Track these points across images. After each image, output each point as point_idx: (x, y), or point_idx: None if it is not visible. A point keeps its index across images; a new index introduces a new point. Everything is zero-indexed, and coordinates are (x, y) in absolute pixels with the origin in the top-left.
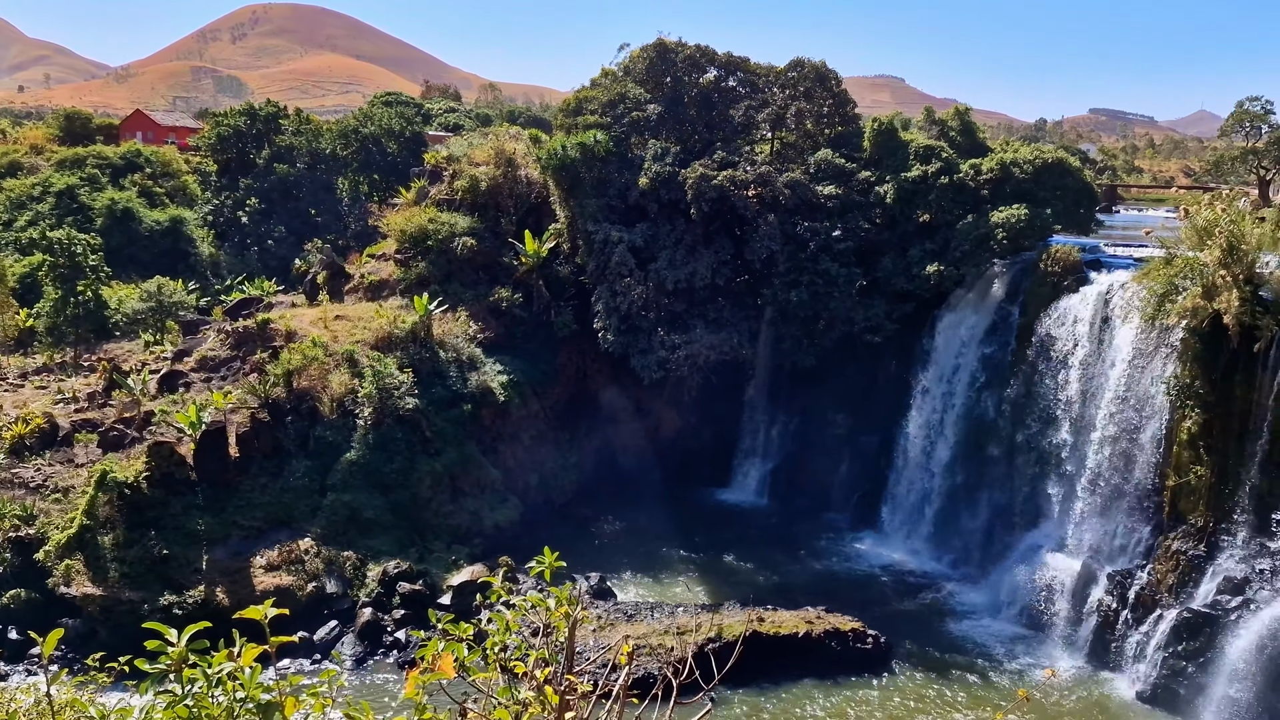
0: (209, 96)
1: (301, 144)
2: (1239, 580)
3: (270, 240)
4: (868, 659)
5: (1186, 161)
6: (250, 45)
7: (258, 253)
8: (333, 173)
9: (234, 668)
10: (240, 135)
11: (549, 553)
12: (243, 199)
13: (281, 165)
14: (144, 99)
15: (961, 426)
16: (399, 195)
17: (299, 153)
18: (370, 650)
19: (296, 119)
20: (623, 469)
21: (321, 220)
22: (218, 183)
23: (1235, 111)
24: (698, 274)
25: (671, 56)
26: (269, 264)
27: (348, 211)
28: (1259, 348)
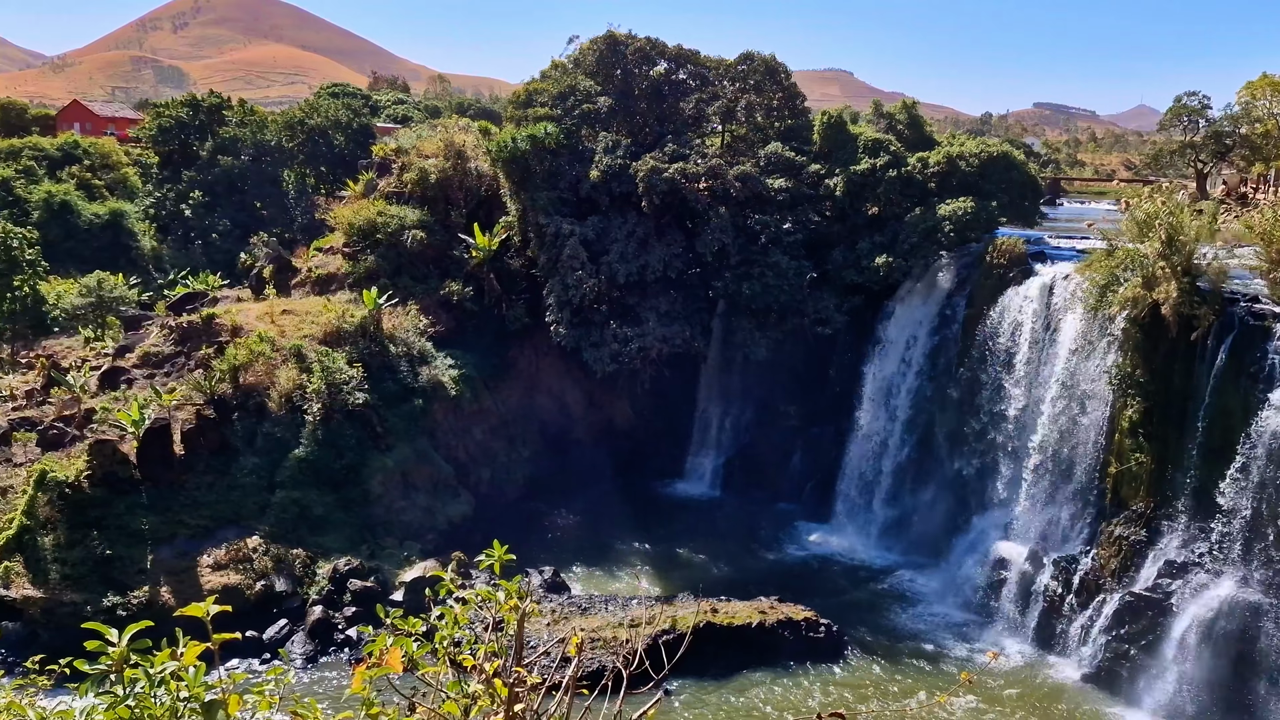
0: (149, 87)
1: (246, 136)
2: (1179, 564)
3: (214, 234)
4: (821, 647)
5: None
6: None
7: (202, 246)
8: (278, 165)
9: (177, 667)
10: (182, 126)
11: (498, 546)
12: (186, 192)
13: (225, 157)
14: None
15: (911, 417)
16: (347, 188)
17: (243, 144)
18: (321, 648)
19: (240, 110)
20: (576, 462)
21: (267, 213)
22: (159, 175)
23: (1173, 106)
24: (649, 267)
25: (622, 49)
26: (213, 258)
27: (294, 204)
28: (1196, 337)
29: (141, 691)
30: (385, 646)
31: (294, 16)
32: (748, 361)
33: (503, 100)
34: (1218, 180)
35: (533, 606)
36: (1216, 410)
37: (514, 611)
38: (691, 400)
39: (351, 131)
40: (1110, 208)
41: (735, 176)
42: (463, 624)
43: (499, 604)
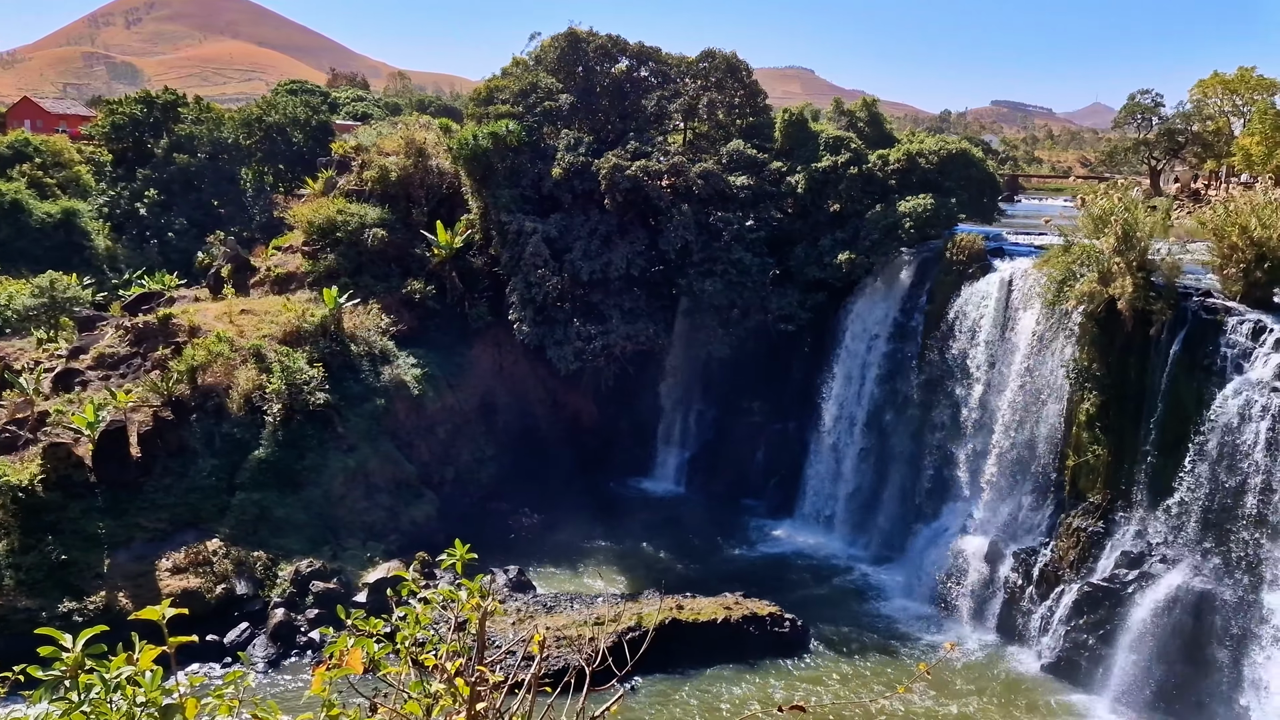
0: (102, 84)
1: (202, 133)
2: (1135, 555)
3: (170, 233)
4: (786, 642)
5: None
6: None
7: (157, 246)
8: (236, 163)
9: (133, 672)
10: (137, 124)
11: (460, 546)
12: (140, 190)
13: (181, 155)
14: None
15: (873, 412)
16: (306, 186)
17: (200, 142)
18: (283, 651)
19: (196, 107)
20: (540, 461)
21: (225, 212)
22: (113, 173)
23: (1127, 104)
24: (613, 264)
25: (583, 46)
26: (170, 257)
27: (252, 203)
28: (1153, 332)
29: (97, 697)
30: (346, 647)
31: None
32: (711, 359)
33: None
34: (1171, 177)
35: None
36: (1171, 403)
37: (476, 611)
38: (655, 398)
39: (310, 129)
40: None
41: (698, 174)
42: (426, 624)
43: (461, 603)
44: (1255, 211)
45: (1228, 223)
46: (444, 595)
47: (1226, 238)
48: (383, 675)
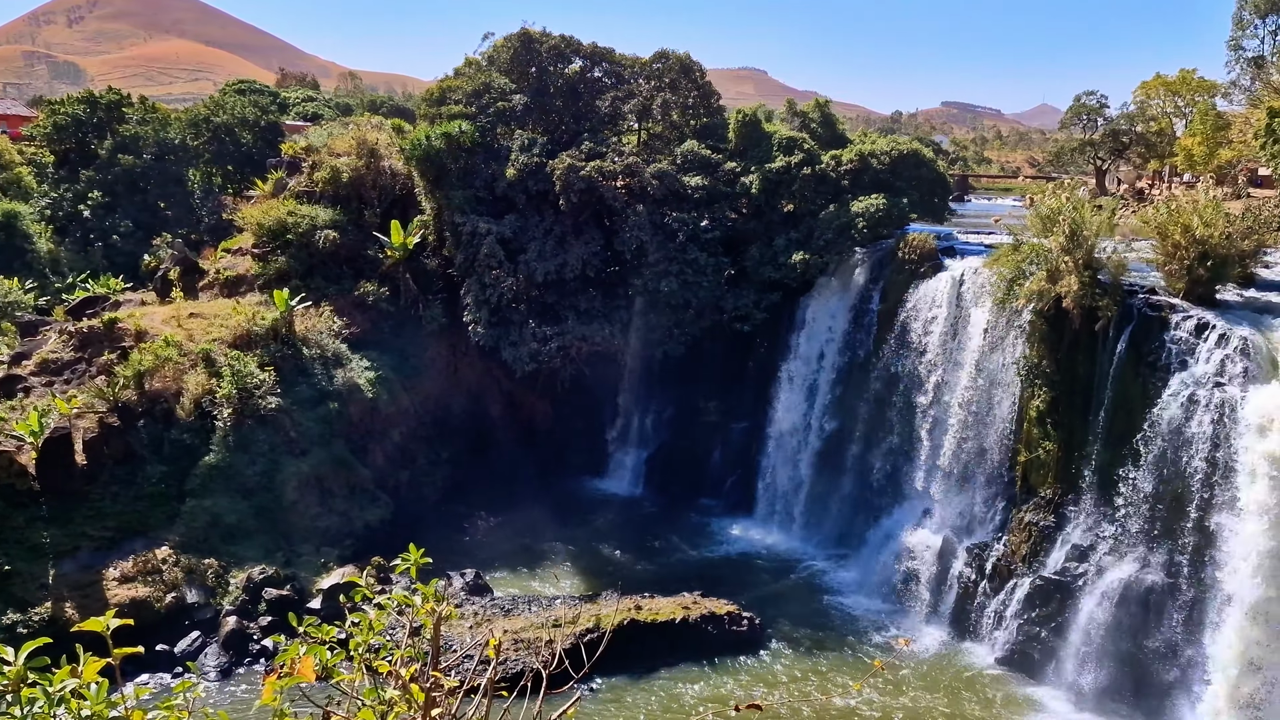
0: (44, 83)
1: (148, 133)
2: (1085, 548)
3: (116, 235)
4: (744, 640)
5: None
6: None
7: (102, 248)
8: (183, 164)
9: (78, 684)
10: (80, 124)
11: (414, 550)
12: (84, 192)
13: (126, 156)
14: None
15: (828, 410)
16: (255, 187)
17: (145, 143)
18: (236, 660)
19: (142, 107)
20: (497, 463)
21: (172, 214)
22: (56, 175)
23: (1073, 105)
24: (568, 265)
25: (536, 46)
26: (115, 260)
27: (200, 204)
28: (1099, 328)
29: (40, 711)
30: (298, 655)
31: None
32: (668, 359)
33: (416, 98)
34: (1116, 176)
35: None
36: (1118, 398)
37: (431, 615)
38: (612, 398)
39: (259, 129)
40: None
41: (652, 174)
42: (380, 629)
43: (416, 608)
44: (1197, 210)
45: (1171, 221)
46: (398, 600)
47: (1170, 236)
48: (336, 683)
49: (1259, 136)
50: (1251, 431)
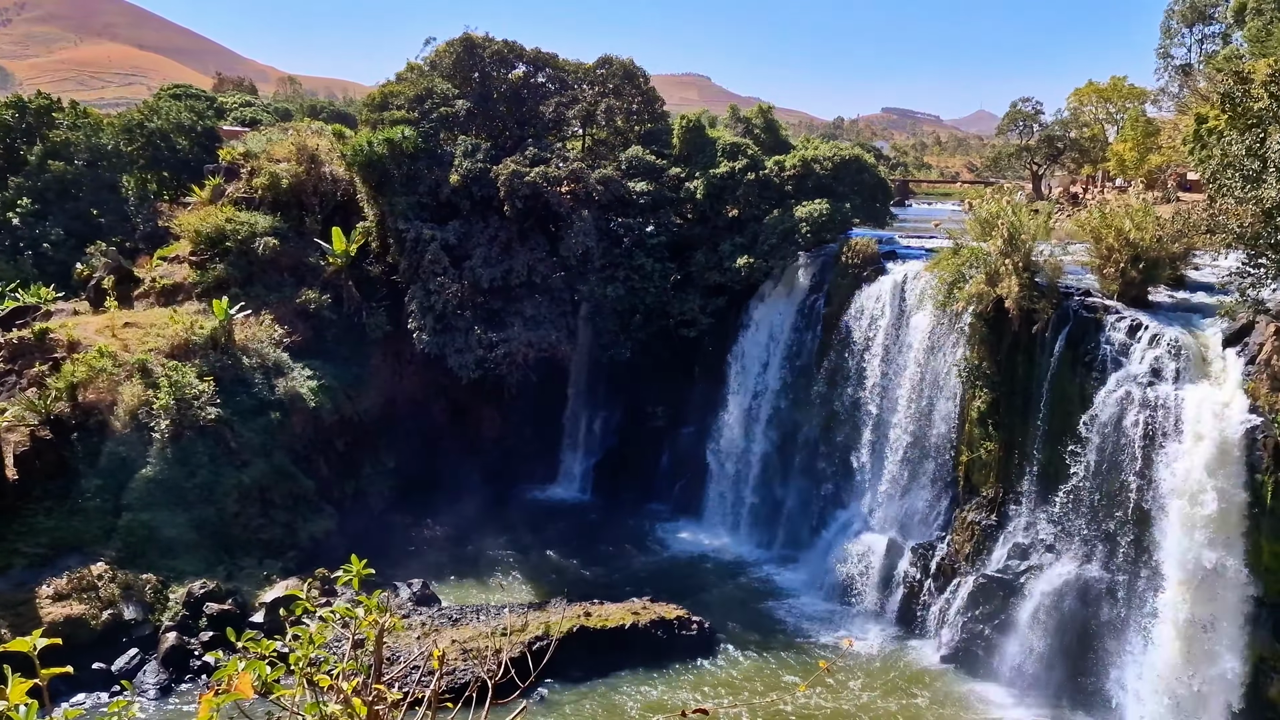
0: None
1: (79, 139)
2: (1026, 545)
3: (46, 244)
4: (694, 644)
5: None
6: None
7: (32, 257)
8: (116, 170)
9: (5, 707)
10: (7, 130)
11: (356, 560)
12: (13, 199)
13: (57, 163)
14: None
15: (774, 414)
16: (192, 194)
17: (77, 149)
18: (177, 677)
19: (73, 112)
20: (444, 470)
21: (105, 221)
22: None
23: (1009, 111)
24: (513, 271)
25: (479, 52)
26: (46, 269)
27: (135, 212)
28: (1037, 329)
29: None
30: (237, 671)
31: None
32: (615, 364)
33: (358, 103)
34: (1052, 181)
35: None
36: (1056, 398)
37: (373, 627)
38: (559, 404)
39: (196, 135)
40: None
41: (597, 180)
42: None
43: (359, 620)
44: (1129, 214)
45: (1104, 225)
46: (340, 613)
47: (1104, 240)
48: (276, 698)
49: (1187, 142)
50: (1183, 428)
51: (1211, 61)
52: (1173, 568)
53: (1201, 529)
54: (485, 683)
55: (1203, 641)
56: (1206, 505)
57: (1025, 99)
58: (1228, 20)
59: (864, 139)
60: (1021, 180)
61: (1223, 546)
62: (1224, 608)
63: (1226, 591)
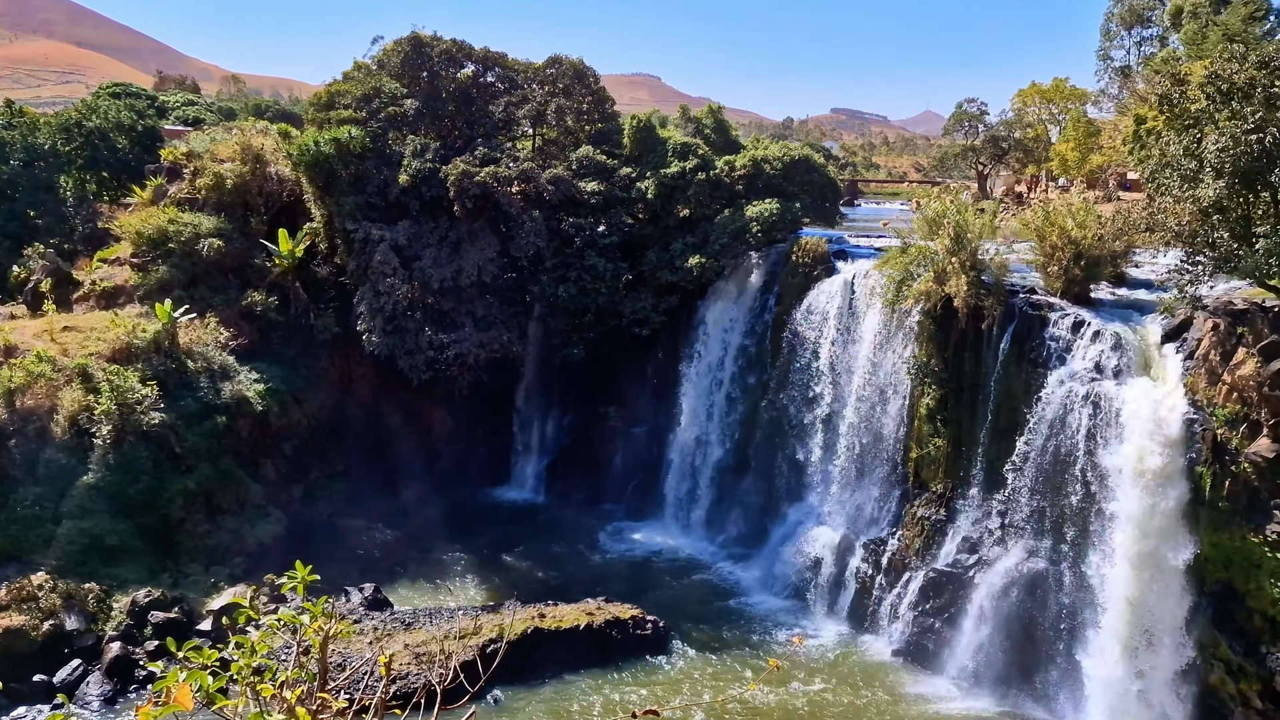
0: None
1: (15, 139)
2: (974, 540)
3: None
4: (648, 643)
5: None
6: None
7: None
8: (54, 171)
9: None
10: None
11: (301, 566)
12: None
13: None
14: None
15: (727, 412)
16: (133, 194)
17: (12, 148)
18: (122, 687)
19: (8, 111)
20: (395, 474)
21: (42, 223)
22: None
23: (955, 112)
24: (464, 271)
25: (427, 51)
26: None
27: (74, 213)
28: (985, 327)
29: None
30: (177, 681)
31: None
32: (567, 364)
33: (303, 102)
34: (997, 180)
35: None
36: (1002, 394)
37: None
38: (511, 405)
39: (136, 134)
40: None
41: (548, 180)
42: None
43: (304, 627)
44: (1071, 213)
45: (1048, 224)
46: (285, 619)
47: (1047, 238)
48: (217, 710)
49: (1127, 142)
50: (1124, 422)
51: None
52: (1116, 559)
53: (1143, 521)
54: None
55: (1146, 631)
56: (1147, 498)
57: (971, 100)
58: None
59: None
60: (967, 180)
61: (1163, 538)
62: (1166, 598)
63: (1168, 582)
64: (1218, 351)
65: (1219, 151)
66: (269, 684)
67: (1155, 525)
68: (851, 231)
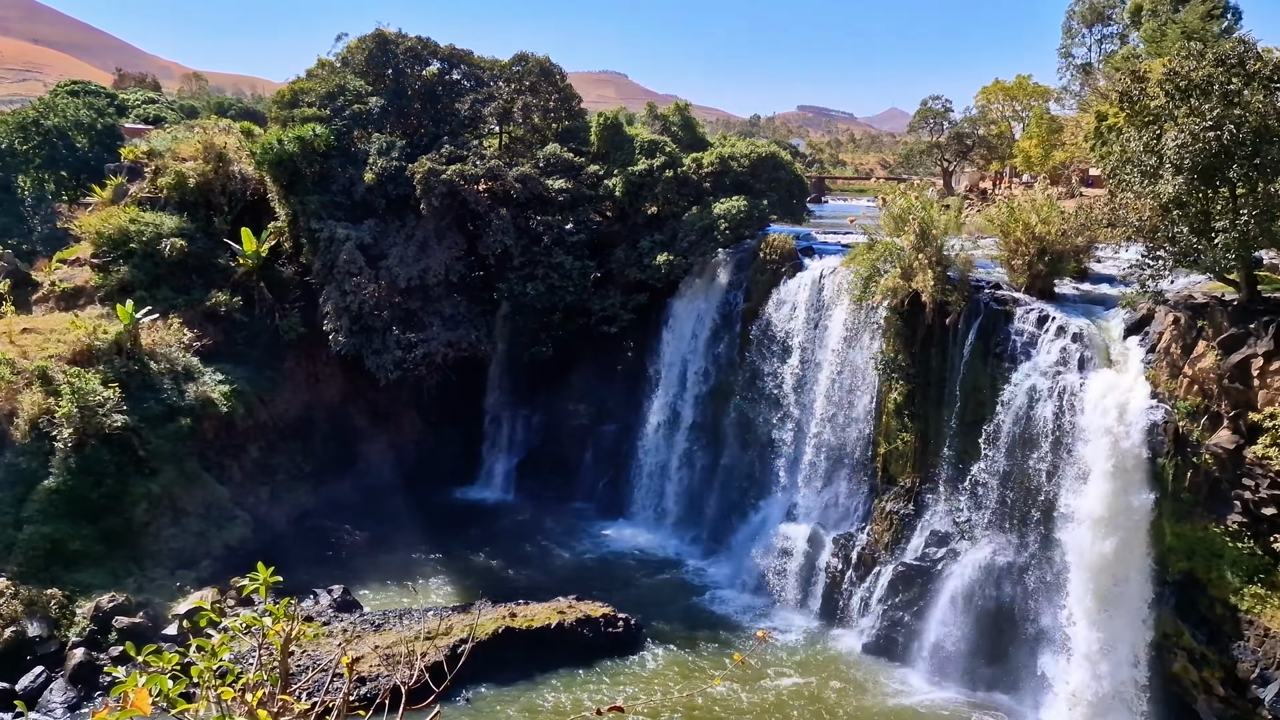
0: None
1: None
2: (943, 533)
3: None
4: (620, 641)
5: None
6: None
7: None
8: (11, 170)
9: None
10: None
11: (263, 568)
12: None
13: None
14: None
15: (696, 409)
16: (93, 194)
17: None
18: (86, 694)
19: None
20: (364, 475)
21: (0, 223)
22: None
23: (920, 109)
24: (431, 270)
25: (392, 48)
26: None
27: (32, 213)
28: (950, 322)
29: None
30: (137, 686)
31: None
32: (536, 363)
33: (267, 100)
34: (962, 177)
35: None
36: (969, 388)
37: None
38: (480, 404)
39: (96, 133)
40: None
41: (515, 177)
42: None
43: (266, 629)
44: (1035, 209)
45: (1012, 220)
46: (247, 622)
47: (1011, 234)
48: (177, 714)
49: (1089, 139)
50: (1089, 415)
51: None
52: (1081, 550)
53: (1106, 512)
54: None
55: (1110, 621)
56: (1111, 490)
57: (935, 97)
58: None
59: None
60: (933, 176)
61: (1127, 529)
62: (1129, 588)
63: (1132, 572)
64: (1179, 345)
65: (1178, 148)
66: (230, 687)
67: (1118, 517)
68: (819, 228)
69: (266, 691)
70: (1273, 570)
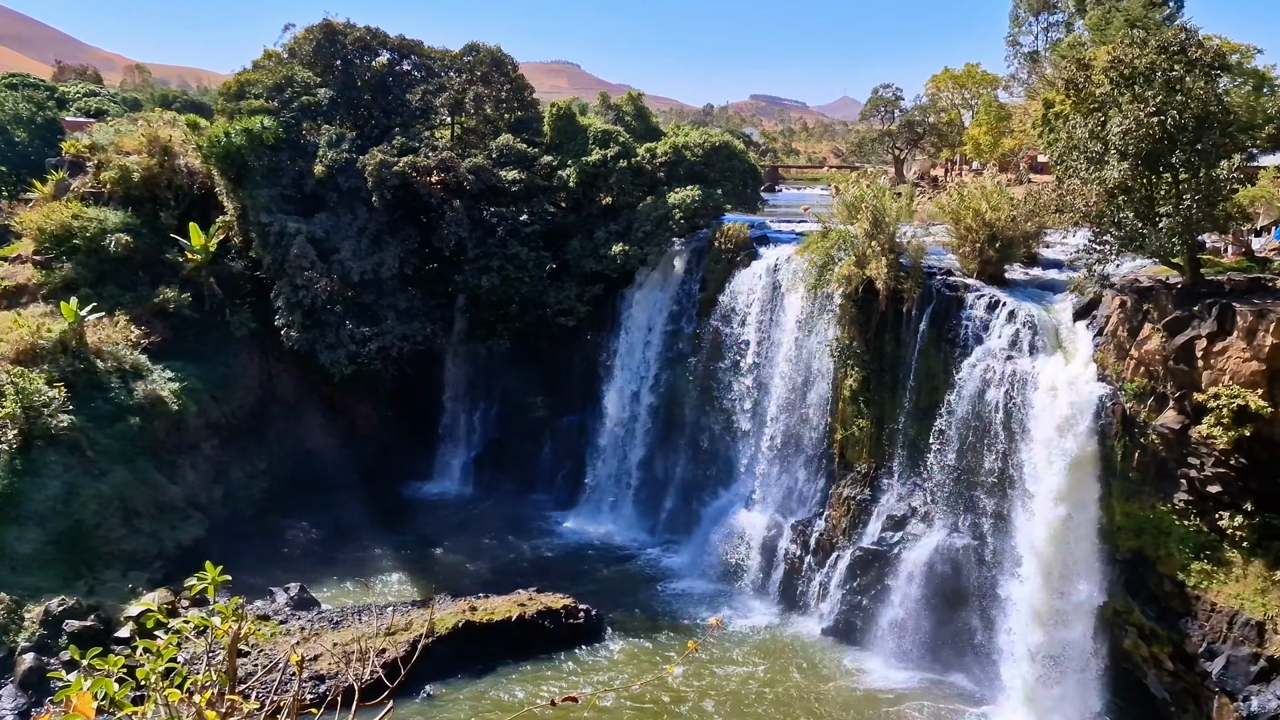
0: None
1: None
2: (899, 517)
3: None
4: (582, 632)
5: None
6: None
7: None
8: None
9: None
10: None
11: (211, 567)
12: None
13: None
14: None
15: (654, 399)
16: (34, 189)
17: None
18: (37, 700)
19: None
20: (318, 471)
21: None
22: None
23: (872, 98)
24: (385, 263)
25: (340, 38)
26: None
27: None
28: (904, 308)
29: None
30: (81, 690)
31: None
32: (492, 355)
33: (212, 92)
34: (913, 165)
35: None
36: (922, 374)
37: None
38: (437, 398)
39: (36, 127)
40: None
41: (468, 169)
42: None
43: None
44: (985, 195)
45: (962, 206)
46: (194, 621)
47: (962, 220)
48: (123, 716)
49: (1036, 126)
50: (1039, 397)
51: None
52: (1033, 531)
53: (1057, 492)
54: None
55: (1062, 599)
56: (1061, 470)
57: (886, 85)
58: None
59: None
60: (885, 164)
61: (1077, 509)
62: (1080, 566)
63: (1082, 551)
64: (1125, 328)
65: (1122, 134)
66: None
67: (1069, 497)
68: (773, 217)
69: (215, 692)
70: (1219, 547)
